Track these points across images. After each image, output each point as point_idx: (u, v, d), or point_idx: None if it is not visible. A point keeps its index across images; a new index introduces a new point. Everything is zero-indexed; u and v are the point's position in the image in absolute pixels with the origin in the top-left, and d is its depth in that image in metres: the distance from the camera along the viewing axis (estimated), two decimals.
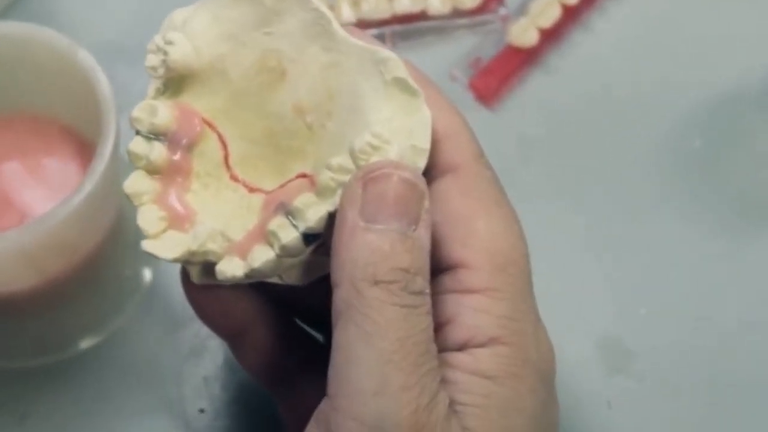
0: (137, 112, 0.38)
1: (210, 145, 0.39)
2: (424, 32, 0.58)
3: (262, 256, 0.37)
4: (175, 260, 0.37)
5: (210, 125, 0.39)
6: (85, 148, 0.50)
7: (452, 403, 0.35)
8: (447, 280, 0.37)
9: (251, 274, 0.37)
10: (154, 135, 0.38)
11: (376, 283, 0.34)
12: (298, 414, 0.39)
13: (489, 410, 0.35)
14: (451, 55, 0.57)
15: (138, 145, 0.38)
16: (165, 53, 0.38)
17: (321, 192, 0.36)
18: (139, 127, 0.38)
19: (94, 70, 0.47)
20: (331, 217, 0.36)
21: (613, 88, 0.57)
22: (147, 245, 0.37)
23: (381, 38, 0.57)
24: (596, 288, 0.53)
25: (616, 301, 0.52)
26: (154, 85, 0.39)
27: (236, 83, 0.39)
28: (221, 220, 0.38)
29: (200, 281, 0.39)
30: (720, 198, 0.54)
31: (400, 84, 0.37)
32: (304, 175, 0.38)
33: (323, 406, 0.35)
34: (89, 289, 0.51)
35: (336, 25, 0.38)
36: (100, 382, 0.50)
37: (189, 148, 0.39)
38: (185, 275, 0.40)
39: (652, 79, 0.57)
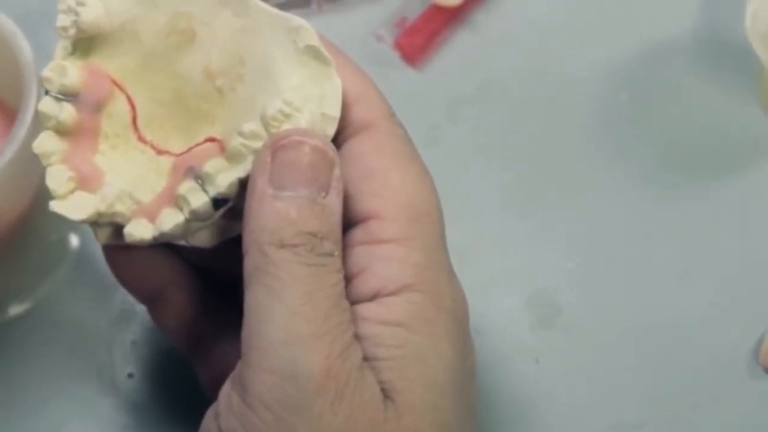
0: (47, 72, 0.38)
1: (119, 107, 0.39)
2: None
3: (172, 219, 0.37)
4: (84, 221, 0.37)
5: (119, 86, 0.39)
6: (11, 115, 0.49)
7: (368, 359, 0.35)
8: (359, 233, 0.37)
9: (160, 237, 0.37)
10: (64, 95, 0.38)
11: (283, 246, 0.34)
12: (216, 378, 0.39)
13: (404, 360, 0.35)
14: (376, 16, 0.57)
15: (47, 105, 0.38)
16: (76, 14, 0.38)
17: (232, 157, 0.36)
18: (49, 88, 0.38)
19: (15, 36, 0.46)
20: (242, 183, 0.36)
21: (540, 44, 0.57)
22: (55, 205, 0.38)
23: (307, 0, 0.56)
24: (525, 243, 0.53)
25: (544, 255, 0.52)
26: (62, 45, 0.39)
27: (147, 45, 0.39)
28: (129, 181, 0.38)
29: (108, 242, 0.39)
30: (647, 151, 0.54)
31: (313, 52, 0.37)
32: (212, 139, 0.38)
33: (238, 366, 0.35)
34: (16, 255, 0.50)
35: None
36: (28, 348, 0.50)
37: (98, 108, 0.39)
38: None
39: (580, 33, 0.57)
